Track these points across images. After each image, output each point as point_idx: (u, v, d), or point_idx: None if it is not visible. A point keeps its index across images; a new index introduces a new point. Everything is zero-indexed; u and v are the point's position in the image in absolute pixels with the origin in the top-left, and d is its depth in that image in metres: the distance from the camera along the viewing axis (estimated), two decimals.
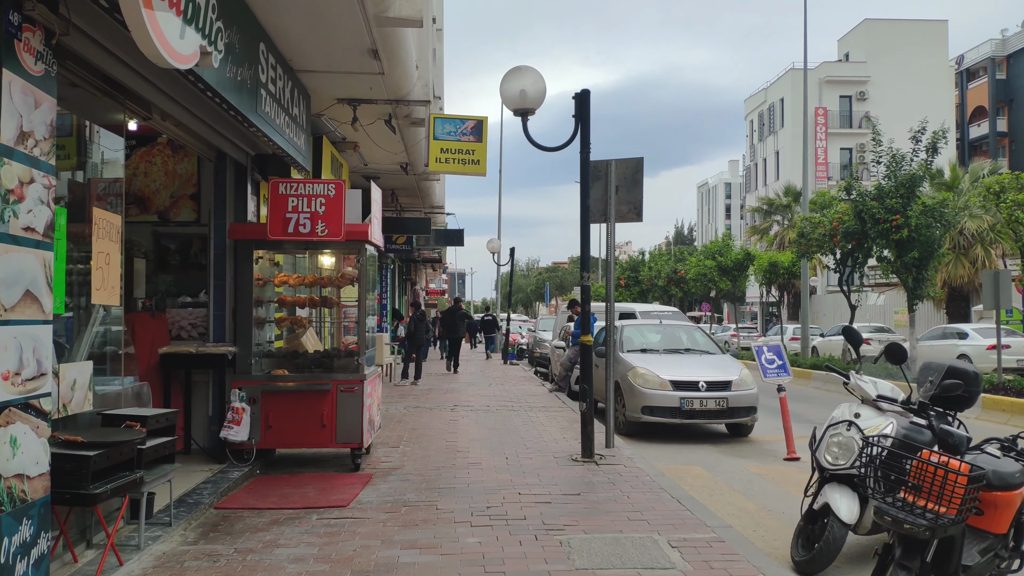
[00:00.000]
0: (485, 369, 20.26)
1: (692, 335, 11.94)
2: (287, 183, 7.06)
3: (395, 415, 10.64)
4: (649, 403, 9.96)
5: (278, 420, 7.04)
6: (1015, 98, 56.28)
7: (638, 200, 8.07)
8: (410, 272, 32.33)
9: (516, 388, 14.70)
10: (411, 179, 13.31)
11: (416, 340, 16.09)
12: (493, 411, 11.06)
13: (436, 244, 18.57)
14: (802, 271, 21.21)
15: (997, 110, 57.38)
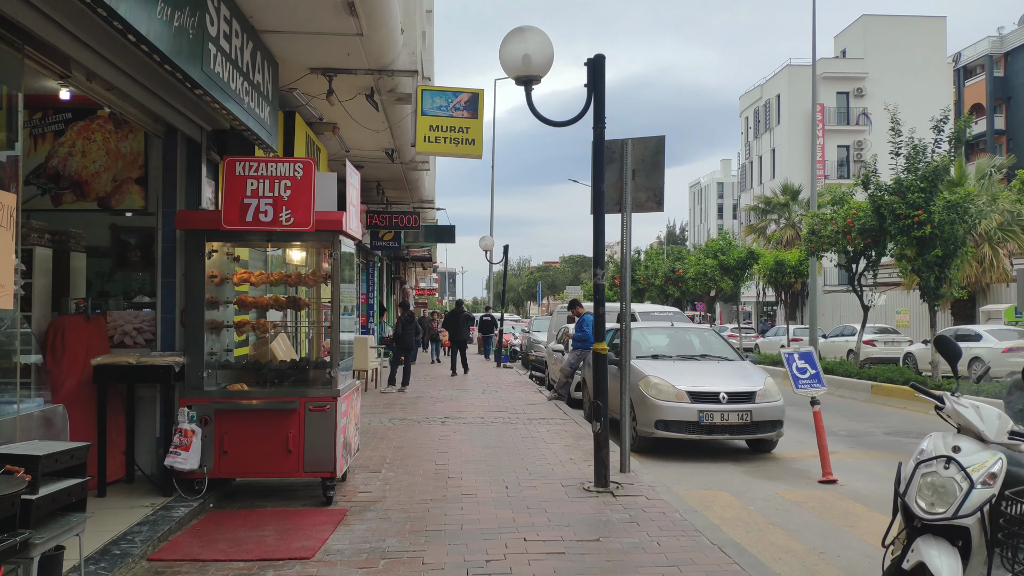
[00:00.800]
0: (478, 373, 19.13)
1: (706, 339, 10.87)
2: (245, 162, 5.93)
3: (378, 429, 9.50)
4: (664, 417, 8.88)
5: (235, 444, 5.91)
6: (1013, 95, 55.63)
7: (658, 186, 6.97)
8: (399, 271, 31.16)
9: (512, 396, 13.59)
10: (398, 168, 12.18)
11: (404, 343, 14.88)
12: (488, 424, 9.95)
13: (426, 241, 17.44)
14: (810, 270, 20.18)
15: (995, 108, 56.70)
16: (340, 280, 6.40)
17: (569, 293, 75.64)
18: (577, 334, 12.57)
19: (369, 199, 14.00)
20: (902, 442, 10.35)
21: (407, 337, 14.77)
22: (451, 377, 17.64)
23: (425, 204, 16.32)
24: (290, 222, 5.84)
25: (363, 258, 20.04)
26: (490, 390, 14.60)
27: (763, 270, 20.70)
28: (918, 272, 15.10)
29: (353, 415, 6.70)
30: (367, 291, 21.10)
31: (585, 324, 12.46)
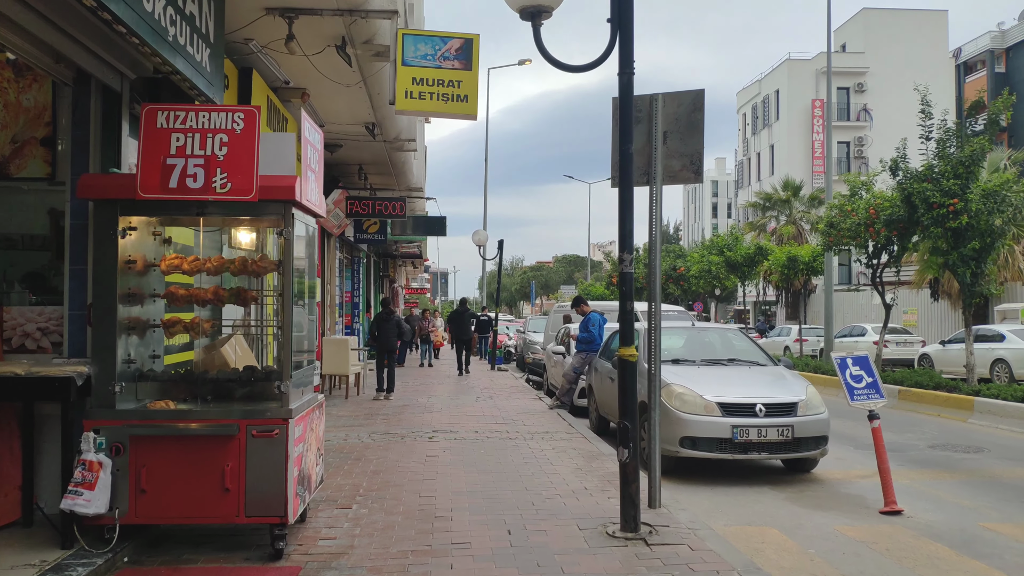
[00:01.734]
0: (471, 377, 17.74)
1: (732, 340, 9.54)
2: (170, 111, 4.54)
3: (355, 448, 8.12)
4: (690, 433, 7.53)
5: (157, 480, 4.52)
6: (1016, 91, 54.48)
7: (696, 151, 5.62)
8: (387, 268, 29.75)
9: (508, 403, 12.22)
10: (381, 148, 10.80)
11: (382, 344, 13.14)
12: (483, 440, 8.57)
13: (415, 234, 16.05)
14: (826, 266, 18.91)
15: None
16: (295, 267, 5.01)
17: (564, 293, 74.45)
18: (582, 335, 11.22)
19: (350, 184, 12.61)
20: (953, 458, 9.05)
21: (384, 338, 13.12)
22: (459, 377, 17.47)
23: (414, 193, 14.95)
24: (226, 189, 4.46)
25: (347, 253, 18.63)
26: (484, 396, 13.23)
27: (774, 267, 19.42)
28: (952, 267, 13.83)
29: (314, 439, 5.32)
30: (352, 288, 19.70)
31: (591, 324, 11.11)
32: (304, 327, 5.64)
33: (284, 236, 4.77)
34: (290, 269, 4.80)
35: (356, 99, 8.28)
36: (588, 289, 43.45)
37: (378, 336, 13.11)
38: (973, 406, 12.32)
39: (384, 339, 13.04)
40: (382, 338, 13.05)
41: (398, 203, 11.75)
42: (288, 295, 4.81)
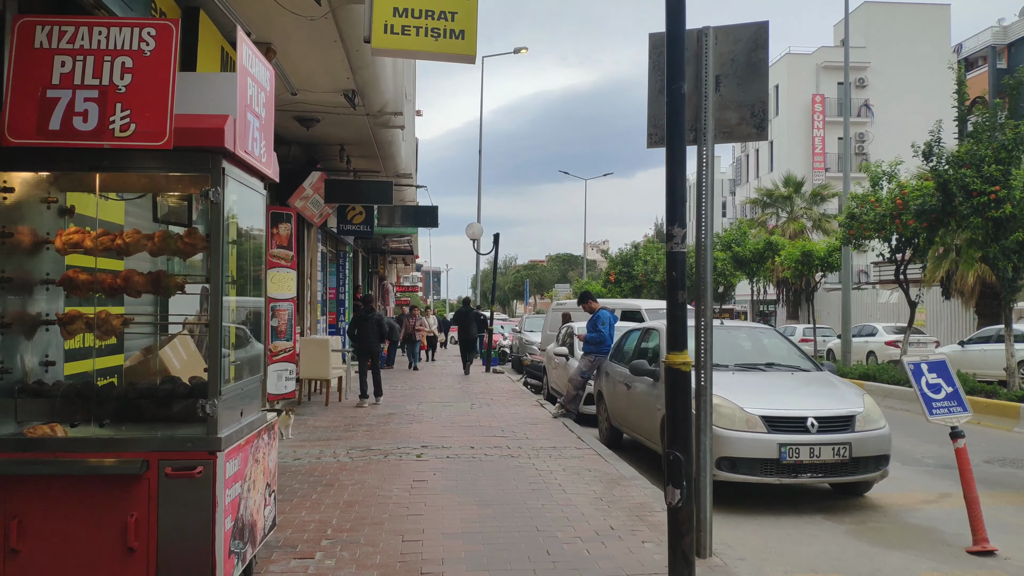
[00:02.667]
0: (465, 380, 16.49)
1: (766, 342, 8.31)
2: (52, 25, 3.27)
3: (328, 469, 6.85)
4: (730, 452, 6.30)
5: (34, 537, 3.26)
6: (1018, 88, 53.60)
7: (758, 99, 4.39)
8: (376, 264, 28.45)
9: (507, 411, 10.97)
10: (364, 123, 9.54)
11: (364, 346, 11.83)
12: (481, 458, 7.32)
13: (404, 225, 14.77)
14: (843, 260, 17.70)
15: None
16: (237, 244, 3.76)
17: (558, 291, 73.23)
18: (590, 335, 9.99)
19: (331, 167, 11.34)
20: (1020, 476, 7.89)
21: (364, 338, 11.75)
22: (464, 376, 17.21)
23: (403, 180, 13.69)
24: (128, 132, 3.19)
25: (331, 247, 17.34)
26: (480, 403, 11.97)
27: (787, 262, 18.25)
28: (991, 261, 12.65)
29: (261, 473, 4.06)
30: (337, 285, 18.41)
31: (600, 322, 9.87)
32: (257, 326, 4.39)
33: (211, 199, 3.50)
34: (220, 246, 3.54)
35: (331, 58, 7.02)
36: (584, 287, 42.22)
37: (358, 337, 11.81)
38: (1020, 413, 11.16)
39: (364, 340, 11.72)
40: (362, 339, 11.74)
41: (383, 187, 10.50)
42: (218, 281, 3.55)
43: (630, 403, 8.26)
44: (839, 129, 50.54)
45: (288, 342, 10.46)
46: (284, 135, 10.40)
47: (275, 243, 10.26)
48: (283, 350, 10.38)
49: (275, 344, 10.31)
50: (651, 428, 7.51)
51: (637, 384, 7.97)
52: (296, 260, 13.13)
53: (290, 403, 11.17)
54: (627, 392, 8.32)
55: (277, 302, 10.32)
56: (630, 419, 8.32)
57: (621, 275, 33.59)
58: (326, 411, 10.73)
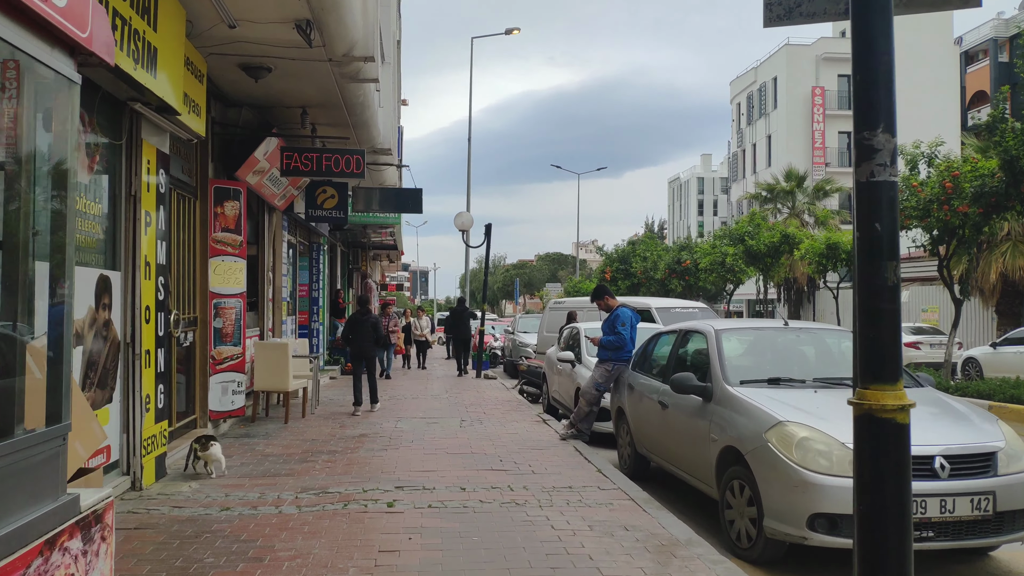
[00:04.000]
0: (454, 388, 14.58)
1: (843, 347, 6.46)
2: None
3: (261, 527, 4.93)
4: (830, 506, 4.44)
5: None
6: (1020, 82, 52.38)
7: None
8: (358, 260, 26.45)
9: (504, 430, 9.07)
10: (327, 75, 7.62)
11: (358, 350, 10.83)
12: (475, 509, 5.41)
13: (383, 210, 12.81)
14: None
15: None
16: None
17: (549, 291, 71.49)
18: (607, 338, 8.12)
19: (288, 131, 9.39)
20: None
21: (359, 342, 10.79)
22: (458, 377, 16.90)
23: (381, 158, 11.76)
24: None
25: (302, 237, 15.37)
26: (472, 418, 10.07)
27: (808, 255, 16.44)
28: None
29: None
30: (310, 281, 16.44)
31: (620, 323, 8.02)
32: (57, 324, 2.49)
33: None
34: None
35: None
36: (578, 286, 40.45)
37: (352, 341, 10.90)
38: None
39: (359, 344, 10.81)
40: (356, 343, 10.83)
41: (355, 157, 8.55)
42: None
43: (666, 428, 6.39)
44: (840, 122, 49.09)
45: (236, 347, 8.52)
46: (231, 93, 8.46)
47: (219, 225, 8.33)
48: (229, 357, 8.44)
49: (219, 350, 8.38)
50: (699, 464, 5.64)
51: (679, 404, 6.10)
52: (254, 249, 11.20)
53: (240, 421, 9.22)
54: (661, 413, 6.46)
55: (221, 298, 8.40)
56: (666, 448, 6.45)
57: (618, 272, 31.79)
58: (284, 431, 8.80)
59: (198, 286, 8.20)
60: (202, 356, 8.25)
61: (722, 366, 5.72)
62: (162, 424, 6.39)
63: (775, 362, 6.00)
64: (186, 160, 7.89)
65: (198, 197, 8.21)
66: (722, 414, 5.38)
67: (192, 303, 8.07)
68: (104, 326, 5.57)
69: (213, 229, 8.30)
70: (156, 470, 6.24)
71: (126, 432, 5.89)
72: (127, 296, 5.89)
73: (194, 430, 8.15)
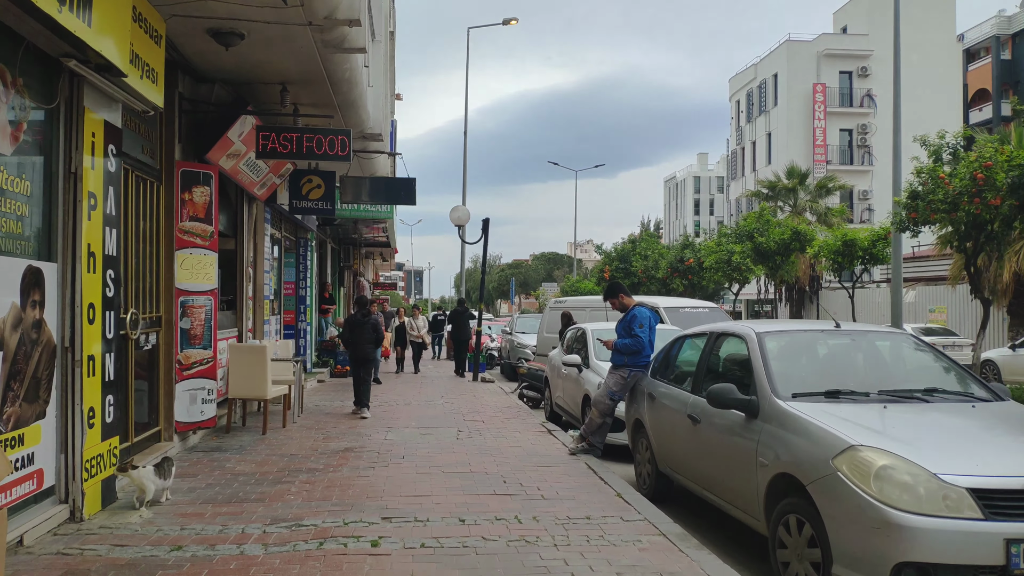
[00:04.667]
0: (449, 392, 13.68)
1: (905, 353, 5.58)
2: None
3: (217, 572, 4.02)
4: (921, 553, 3.57)
5: None
6: (1022, 79, 51.79)
7: None
8: (349, 258, 25.51)
9: (507, 443, 8.18)
10: (306, 40, 6.71)
11: (357, 353, 10.49)
12: (477, 549, 4.51)
13: (374, 200, 11.84)
14: (894, 249, 14.96)
15: (1002, 93, 52.88)
16: None
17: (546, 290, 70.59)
18: (624, 341, 7.24)
19: (267, 111, 8.46)
20: None
21: (358, 345, 10.47)
22: (456, 378, 16.71)
23: (370, 142, 10.84)
24: None
25: (288, 232, 14.46)
26: (470, 428, 9.18)
27: (823, 253, 15.55)
28: None
29: None
30: (297, 279, 15.52)
31: (637, 324, 7.15)
32: None
33: None
34: None
35: None
36: (576, 285, 39.60)
37: (352, 343, 10.56)
38: None
39: (357, 347, 10.47)
40: (356, 345, 10.49)
41: (339, 138, 7.63)
42: None
43: (698, 446, 5.51)
44: (841, 120, 48.33)
45: (206, 350, 7.62)
46: (200, 65, 7.54)
47: (186, 213, 7.43)
48: (198, 361, 7.54)
49: (186, 353, 7.48)
50: (742, 491, 4.76)
51: (714, 419, 5.21)
52: (232, 242, 10.28)
53: (212, 432, 8.31)
54: (691, 429, 5.57)
55: (189, 295, 7.49)
56: (698, 469, 5.56)
57: (617, 271, 30.93)
58: (260, 444, 7.89)
59: (162, 282, 7.28)
60: (167, 360, 7.32)
61: (769, 376, 4.83)
62: (111, 441, 5.48)
63: (830, 371, 5.12)
64: (148, 139, 6.97)
65: (163, 181, 7.29)
66: (773, 434, 4.50)
67: (155, 301, 7.15)
68: (34, 327, 4.65)
69: (180, 218, 7.38)
70: (103, 495, 5.32)
71: (64, 452, 4.97)
72: (65, 292, 4.97)
73: (157, 444, 7.24)
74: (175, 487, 5.74)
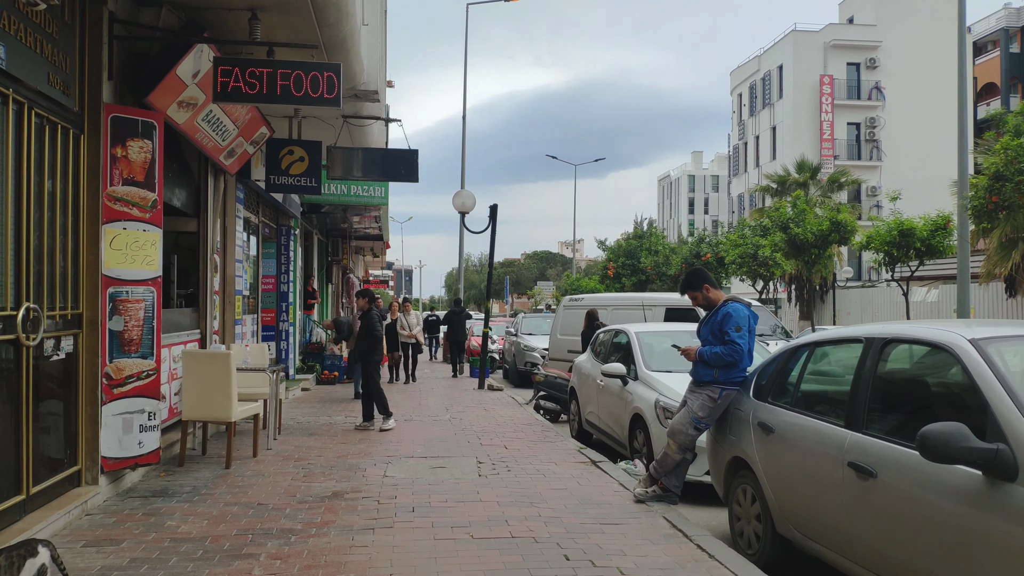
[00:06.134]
0: (455, 403, 11.75)
1: None
2: None
3: None
4: None
5: None
6: None
7: None
8: (339, 252, 23.51)
9: (544, 483, 6.26)
10: None
11: (369, 356, 9.01)
12: None
13: (368, 176, 9.80)
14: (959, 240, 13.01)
15: (1011, 87, 51.46)
16: None
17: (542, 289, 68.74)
18: (714, 350, 5.34)
19: (232, 48, 6.50)
20: None
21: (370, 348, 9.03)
22: (453, 379, 16.51)
23: (363, 102, 8.84)
24: None
25: (268, 217, 12.50)
26: (492, 457, 7.26)
27: (875, 244, 13.70)
28: None
29: None
30: (277, 273, 13.56)
31: (733, 326, 5.27)
32: None
33: None
34: None
35: None
36: (576, 283, 37.71)
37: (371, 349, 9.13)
38: None
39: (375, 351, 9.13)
40: (369, 348, 9.12)
41: (325, 75, 5.67)
42: None
43: (874, 513, 3.60)
44: (849, 113, 46.71)
45: (146, 359, 5.67)
46: None
47: (119, 174, 5.49)
48: (135, 375, 5.60)
49: (118, 364, 5.54)
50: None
51: (914, 476, 3.31)
52: (194, 224, 8.31)
53: (159, 467, 6.35)
54: (855, 485, 3.68)
55: (122, 285, 5.56)
56: (873, 548, 3.65)
57: (623, 268, 29.06)
58: (220, 485, 5.93)
59: (83, 267, 5.33)
60: (89, 375, 5.36)
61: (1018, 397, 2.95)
62: None
63: None
64: (60, 69, 5.01)
65: (85, 131, 5.33)
66: None
67: (71, 293, 5.20)
68: None
69: (109, 180, 5.42)
70: None
71: None
72: None
73: (76, 490, 5.28)
74: (78, 573, 3.81)
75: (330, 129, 9.80)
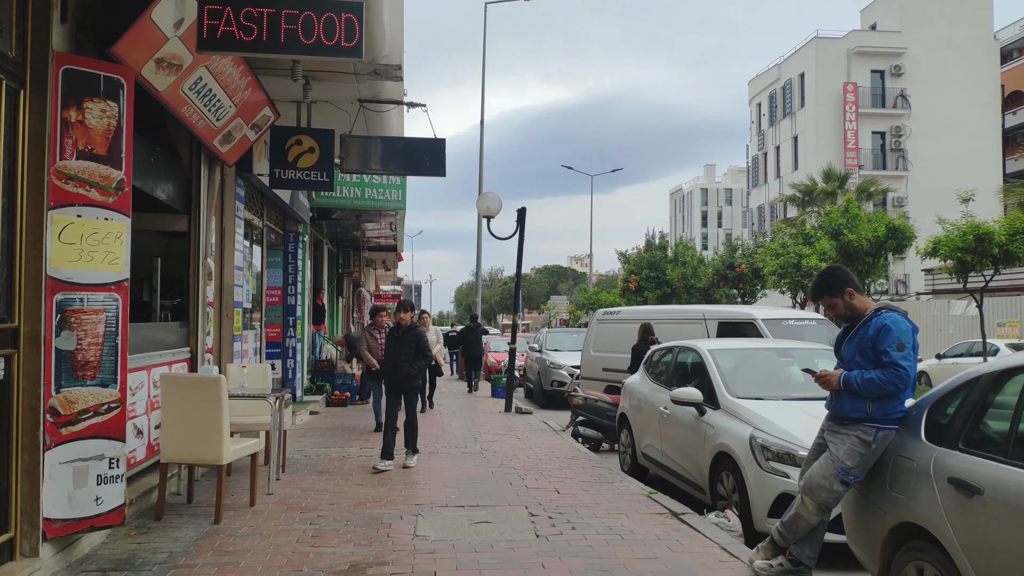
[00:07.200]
0: (482, 429, 10.36)
1: None
2: None
3: None
4: None
5: None
6: None
7: None
8: (350, 263, 22.23)
9: (624, 550, 4.84)
10: None
11: (413, 381, 7.61)
12: None
13: (387, 168, 8.43)
14: None
15: None
16: None
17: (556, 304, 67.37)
18: (868, 375, 3.95)
19: None
20: None
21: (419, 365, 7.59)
22: (468, 394, 16.45)
23: (383, 80, 7.50)
24: None
25: (273, 222, 11.21)
26: (547, 505, 5.88)
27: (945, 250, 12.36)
28: None
29: None
30: (284, 284, 12.25)
31: (894, 343, 3.87)
32: None
33: None
34: None
35: None
36: (595, 297, 36.32)
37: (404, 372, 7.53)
38: None
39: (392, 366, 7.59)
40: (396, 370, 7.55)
41: (344, 16, 4.38)
42: None
43: None
44: (873, 121, 45.29)
45: (107, 388, 4.32)
46: None
47: (71, 144, 4.17)
48: (92, 409, 4.25)
49: (68, 395, 4.19)
50: None
51: None
52: (184, 222, 6.99)
53: (129, 524, 4.98)
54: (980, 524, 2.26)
55: (74, 290, 4.21)
56: None
57: (647, 281, 27.64)
58: (206, 546, 4.56)
59: (20, 265, 4.01)
60: (28, 409, 4.02)
61: None
62: None
63: None
64: None
65: (27, 85, 4.04)
66: None
67: (3, 299, 3.88)
68: None
69: (59, 152, 4.11)
70: None
71: None
72: None
73: (8, 565, 3.93)
74: None
75: (344, 116, 8.51)
